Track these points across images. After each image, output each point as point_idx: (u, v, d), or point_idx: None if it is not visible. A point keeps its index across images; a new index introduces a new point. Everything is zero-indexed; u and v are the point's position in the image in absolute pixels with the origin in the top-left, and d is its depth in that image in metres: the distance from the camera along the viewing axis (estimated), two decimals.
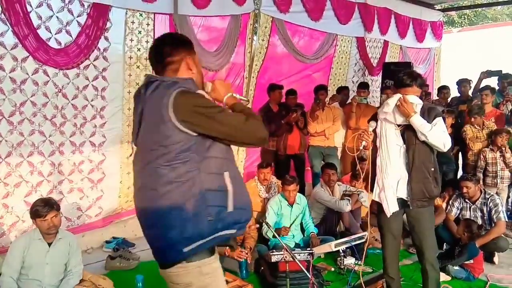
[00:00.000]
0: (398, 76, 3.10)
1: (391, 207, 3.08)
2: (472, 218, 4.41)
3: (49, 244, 3.18)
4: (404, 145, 3.05)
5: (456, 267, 4.02)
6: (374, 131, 3.14)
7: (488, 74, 6.62)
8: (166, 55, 1.85)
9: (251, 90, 5.93)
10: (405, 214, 3.23)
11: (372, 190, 3.21)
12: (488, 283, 3.95)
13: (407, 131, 3.03)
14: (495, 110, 5.96)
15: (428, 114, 3.04)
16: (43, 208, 3.07)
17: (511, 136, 5.38)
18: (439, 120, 3.05)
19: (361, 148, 3.09)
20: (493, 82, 6.70)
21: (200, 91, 1.83)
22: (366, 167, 3.23)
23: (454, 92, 6.90)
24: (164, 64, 1.85)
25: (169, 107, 1.68)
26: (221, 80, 2.10)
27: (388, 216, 3.11)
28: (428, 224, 3.18)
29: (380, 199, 3.15)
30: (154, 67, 1.92)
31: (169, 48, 1.86)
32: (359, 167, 5.67)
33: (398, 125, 3.06)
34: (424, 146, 3.02)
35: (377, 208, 3.26)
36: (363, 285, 3.45)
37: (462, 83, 6.56)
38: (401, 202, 3.11)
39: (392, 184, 3.07)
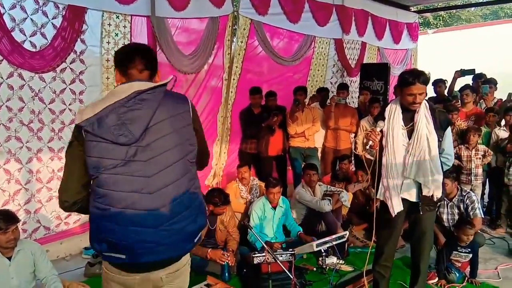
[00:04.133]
0: (401, 74, 3.03)
1: (395, 207, 3.05)
2: (449, 215, 4.50)
3: (9, 258, 3.03)
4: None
5: (456, 273, 4.01)
6: (381, 130, 3.08)
7: (461, 73, 6.76)
8: (156, 63, 1.94)
9: (231, 92, 5.93)
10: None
11: (377, 190, 3.16)
12: (466, 278, 4.04)
13: (414, 132, 2.99)
14: (475, 108, 6.09)
15: (440, 120, 2.99)
16: (5, 222, 2.93)
17: (482, 134, 5.53)
18: (449, 131, 3.07)
19: (367, 147, 3.05)
20: (467, 81, 6.87)
21: None
22: (372, 166, 3.12)
23: (430, 92, 7.02)
24: (154, 72, 1.92)
25: (190, 113, 1.90)
26: None
27: (393, 216, 3.08)
28: (430, 224, 3.21)
29: (384, 198, 3.11)
30: (139, 71, 1.86)
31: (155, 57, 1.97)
32: (339, 166, 5.82)
33: (405, 125, 3.02)
34: None
35: (380, 206, 3.19)
36: None
37: (438, 83, 6.69)
38: (405, 203, 3.09)
39: (397, 184, 3.05)
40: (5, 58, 3.80)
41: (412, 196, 3.09)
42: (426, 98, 3.07)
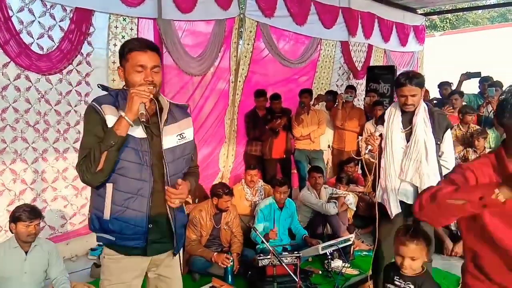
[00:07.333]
0: (396, 77, 3.08)
1: (393, 209, 3.06)
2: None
3: (26, 252, 3.08)
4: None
5: None
6: (381, 134, 3.08)
7: (467, 76, 6.73)
8: None
9: (237, 94, 5.94)
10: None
11: (375, 192, 3.17)
12: None
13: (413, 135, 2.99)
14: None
15: (439, 123, 2.99)
16: (30, 214, 3.00)
17: (489, 138, 5.49)
18: (448, 134, 3.04)
19: (366, 151, 3.05)
20: (473, 83, 6.83)
21: (107, 107, 2.01)
22: (373, 170, 3.13)
23: (436, 94, 7.00)
24: None
25: None
26: (135, 89, 1.90)
27: (391, 217, 3.08)
28: (428, 228, 3.17)
29: (383, 201, 3.12)
30: None
31: None
32: (346, 170, 5.80)
33: (404, 128, 3.04)
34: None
35: (378, 209, 3.16)
36: None
37: (443, 86, 6.67)
38: (403, 205, 3.08)
39: (395, 186, 3.05)
40: (12, 60, 3.83)
41: (409, 199, 3.07)
42: (434, 100, 3.07)
